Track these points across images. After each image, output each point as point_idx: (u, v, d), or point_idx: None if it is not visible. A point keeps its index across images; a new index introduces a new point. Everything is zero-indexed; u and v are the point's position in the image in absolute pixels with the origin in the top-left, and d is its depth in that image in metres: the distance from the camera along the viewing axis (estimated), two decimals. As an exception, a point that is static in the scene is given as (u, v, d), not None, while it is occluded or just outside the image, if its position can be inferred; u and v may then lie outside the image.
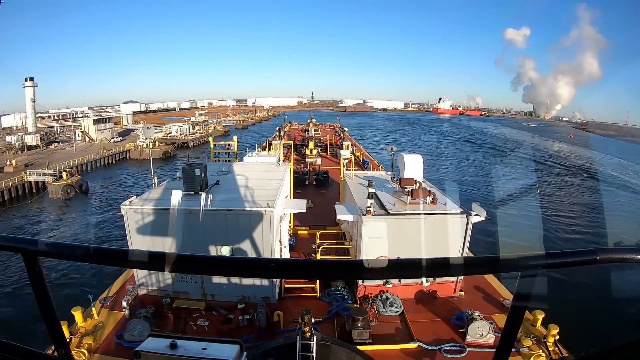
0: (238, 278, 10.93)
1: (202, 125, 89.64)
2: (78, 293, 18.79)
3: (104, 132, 74.17)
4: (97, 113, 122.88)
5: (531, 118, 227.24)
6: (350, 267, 1.37)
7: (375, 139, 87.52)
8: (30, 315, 17.30)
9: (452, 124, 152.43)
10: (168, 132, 77.94)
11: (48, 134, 75.52)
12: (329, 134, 48.74)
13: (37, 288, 1.31)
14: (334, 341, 8.39)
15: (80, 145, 66.33)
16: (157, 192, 12.16)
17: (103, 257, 1.35)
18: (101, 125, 74.52)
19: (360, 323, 9.74)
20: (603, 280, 18.89)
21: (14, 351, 1.33)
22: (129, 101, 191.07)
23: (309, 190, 24.17)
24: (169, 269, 1.24)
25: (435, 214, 11.64)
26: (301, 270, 1.29)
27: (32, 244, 1.28)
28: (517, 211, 32.34)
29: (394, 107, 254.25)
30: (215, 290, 11.34)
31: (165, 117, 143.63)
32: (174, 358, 1.66)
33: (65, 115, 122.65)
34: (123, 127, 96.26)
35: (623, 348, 1.18)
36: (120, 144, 67.81)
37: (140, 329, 9.53)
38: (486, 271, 1.31)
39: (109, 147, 63.91)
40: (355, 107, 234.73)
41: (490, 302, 11.68)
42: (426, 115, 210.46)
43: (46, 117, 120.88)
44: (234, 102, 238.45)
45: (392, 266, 1.21)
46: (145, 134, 53.63)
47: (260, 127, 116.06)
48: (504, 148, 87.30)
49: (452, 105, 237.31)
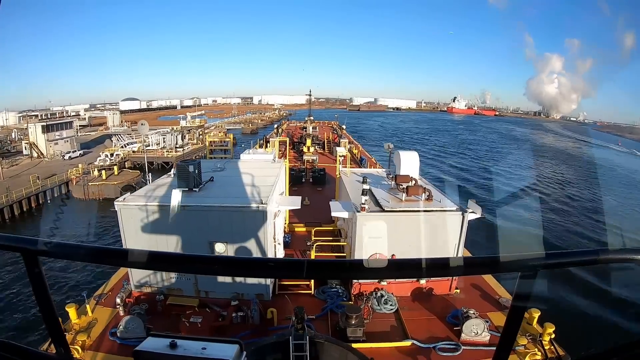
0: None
1: (196, 133, 60.80)
2: (72, 290, 18.82)
3: (59, 144, 53.47)
4: (85, 111, 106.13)
5: (541, 118, 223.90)
6: (350, 267, 1.37)
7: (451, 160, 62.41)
8: (29, 314, 17.40)
9: (486, 129, 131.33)
10: (146, 144, 51.07)
11: (4, 142, 57.23)
12: (327, 131, 48.80)
13: (37, 287, 1.32)
14: (327, 338, 8.33)
15: (24, 163, 47.78)
16: (150, 189, 12.09)
17: (103, 257, 1.37)
18: (54, 134, 53.12)
19: (354, 320, 9.68)
20: (601, 279, 18.89)
21: (14, 351, 1.33)
22: (128, 98, 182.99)
23: (306, 187, 24.13)
24: (170, 269, 1.24)
25: (430, 211, 11.56)
26: (301, 270, 1.26)
27: (32, 243, 1.29)
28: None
29: (408, 106, 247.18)
30: (209, 287, 11.29)
31: (162, 116, 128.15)
32: (174, 358, 1.66)
33: (54, 114, 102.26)
34: (101, 132, 75.11)
35: (622, 348, 1.16)
36: (80, 161, 46.27)
37: (133, 326, 9.53)
38: (486, 271, 1.36)
39: (57, 168, 42.97)
40: (369, 106, 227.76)
41: (486, 300, 11.63)
42: (441, 116, 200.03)
43: (33, 115, 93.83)
44: (239, 100, 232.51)
45: (392, 266, 1.21)
46: (141, 130, 31.07)
47: (272, 130, 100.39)
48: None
49: (467, 105, 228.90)
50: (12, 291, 20.19)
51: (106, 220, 30.29)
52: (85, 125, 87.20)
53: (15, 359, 1.34)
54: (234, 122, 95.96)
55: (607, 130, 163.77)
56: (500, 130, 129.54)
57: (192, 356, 1.65)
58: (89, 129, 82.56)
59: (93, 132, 76.98)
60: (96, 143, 62.16)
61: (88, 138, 67.63)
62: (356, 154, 36.12)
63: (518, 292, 1.22)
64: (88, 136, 70.21)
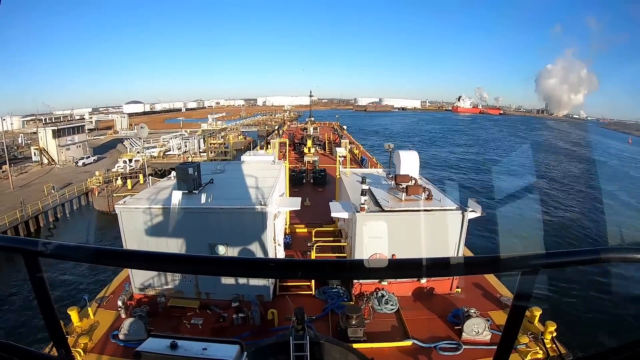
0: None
1: (218, 137, 56.89)
2: (74, 293, 18.89)
3: (70, 149, 50.14)
4: (90, 115, 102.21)
5: (545, 116, 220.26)
6: (350, 267, 1.36)
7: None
8: (30, 316, 17.52)
9: (505, 130, 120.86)
10: (166, 149, 50.16)
11: (10, 147, 52.31)
12: (327, 132, 48.86)
13: (38, 289, 1.31)
14: (328, 339, 8.32)
15: (34, 171, 44.48)
16: (150, 192, 12.17)
17: (104, 258, 1.36)
18: (65, 139, 49.68)
19: (354, 321, 9.68)
20: (602, 278, 18.71)
21: (14, 351, 1.32)
22: (132, 101, 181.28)
23: (307, 188, 24.16)
24: (170, 270, 1.25)
25: (430, 211, 11.53)
26: (301, 270, 1.27)
27: (33, 244, 1.27)
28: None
29: (413, 106, 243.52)
30: (210, 289, 11.33)
31: (168, 119, 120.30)
32: (175, 358, 1.66)
33: (59, 118, 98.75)
34: (111, 137, 71.46)
35: (623, 348, 1.15)
36: (95, 167, 43.07)
37: (135, 328, 9.60)
38: (487, 271, 1.30)
39: (71, 176, 39.80)
40: (375, 107, 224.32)
41: (487, 299, 11.57)
42: (448, 115, 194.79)
43: (36, 119, 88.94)
44: (242, 102, 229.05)
45: (392, 266, 1.21)
46: (141, 134, 31.20)
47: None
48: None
49: (472, 104, 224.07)
50: (12, 292, 20.33)
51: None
52: (92, 129, 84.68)
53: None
54: (248, 125, 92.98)
55: (613, 127, 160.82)
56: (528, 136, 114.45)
57: (193, 357, 1.65)
58: (96, 133, 79.95)
59: (101, 136, 74.05)
60: (108, 148, 59.13)
61: (98, 142, 64.54)
62: (357, 154, 36.14)
63: (519, 291, 1.22)
64: (98, 140, 67.12)
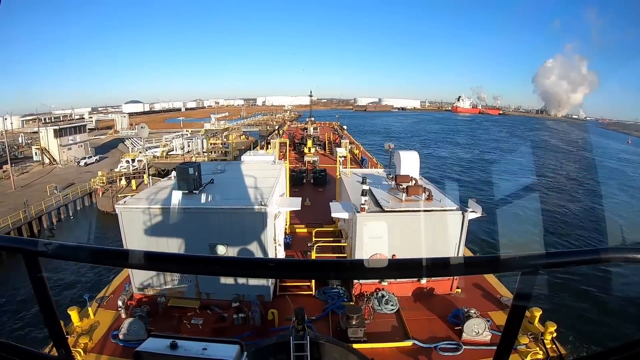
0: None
1: (220, 137, 53.41)
2: (74, 293, 18.86)
3: (72, 149, 49.93)
4: (90, 115, 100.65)
5: (544, 116, 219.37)
6: (351, 267, 1.36)
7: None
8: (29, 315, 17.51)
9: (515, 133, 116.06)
10: (169, 149, 50.03)
11: (10, 147, 51.31)
12: (327, 132, 48.89)
13: (38, 289, 1.31)
14: (328, 339, 8.32)
15: (35, 171, 44.40)
16: (150, 192, 12.16)
17: (104, 258, 1.37)
18: (67, 138, 49.47)
19: (354, 321, 9.68)
20: (602, 278, 18.70)
21: (14, 351, 1.32)
22: (131, 101, 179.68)
23: (307, 188, 24.16)
24: (170, 269, 1.27)
25: (430, 211, 11.53)
26: (301, 270, 1.28)
27: (33, 244, 1.27)
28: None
29: (413, 106, 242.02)
30: (210, 289, 11.32)
31: (168, 118, 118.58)
32: (175, 358, 1.66)
33: (59, 117, 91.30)
34: (112, 136, 71.45)
35: (623, 348, 1.16)
36: (97, 167, 42.92)
37: (135, 328, 9.60)
38: (487, 271, 1.30)
39: (74, 176, 39.77)
40: (375, 106, 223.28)
41: (487, 299, 11.57)
42: (447, 115, 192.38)
43: (36, 118, 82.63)
44: (241, 102, 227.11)
45: (392, 266, 1.21)
46: (141, 134, 30.75)
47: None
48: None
49: (472, 104, 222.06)
50: (12, 292, 20.31)
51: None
52: (92, 129, 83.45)
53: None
54: (249, 124, 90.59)
55: (612, 128, 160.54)
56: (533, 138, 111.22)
57: (193, 357, 1.65)
58: (97, 133, 79.42)
59: (102, 136, 73.88)
60: (109, 147, 58.92)
61: (99, 142, 64.07)
62: (357, 154, 36.16)
63: (519, 291, 1.22)
64: (98, 140, 66.52)
